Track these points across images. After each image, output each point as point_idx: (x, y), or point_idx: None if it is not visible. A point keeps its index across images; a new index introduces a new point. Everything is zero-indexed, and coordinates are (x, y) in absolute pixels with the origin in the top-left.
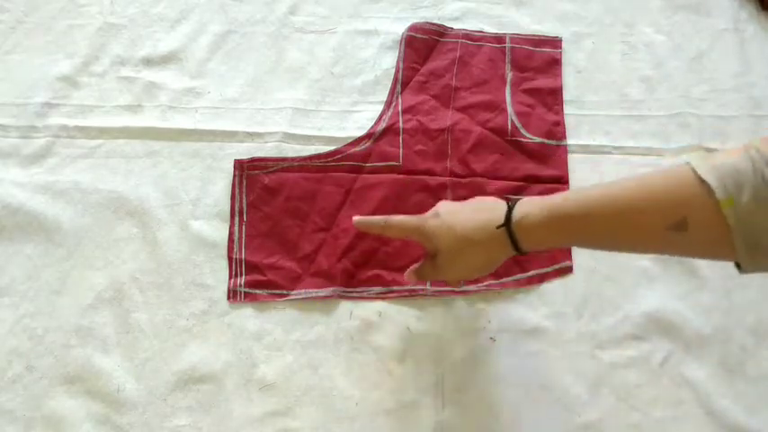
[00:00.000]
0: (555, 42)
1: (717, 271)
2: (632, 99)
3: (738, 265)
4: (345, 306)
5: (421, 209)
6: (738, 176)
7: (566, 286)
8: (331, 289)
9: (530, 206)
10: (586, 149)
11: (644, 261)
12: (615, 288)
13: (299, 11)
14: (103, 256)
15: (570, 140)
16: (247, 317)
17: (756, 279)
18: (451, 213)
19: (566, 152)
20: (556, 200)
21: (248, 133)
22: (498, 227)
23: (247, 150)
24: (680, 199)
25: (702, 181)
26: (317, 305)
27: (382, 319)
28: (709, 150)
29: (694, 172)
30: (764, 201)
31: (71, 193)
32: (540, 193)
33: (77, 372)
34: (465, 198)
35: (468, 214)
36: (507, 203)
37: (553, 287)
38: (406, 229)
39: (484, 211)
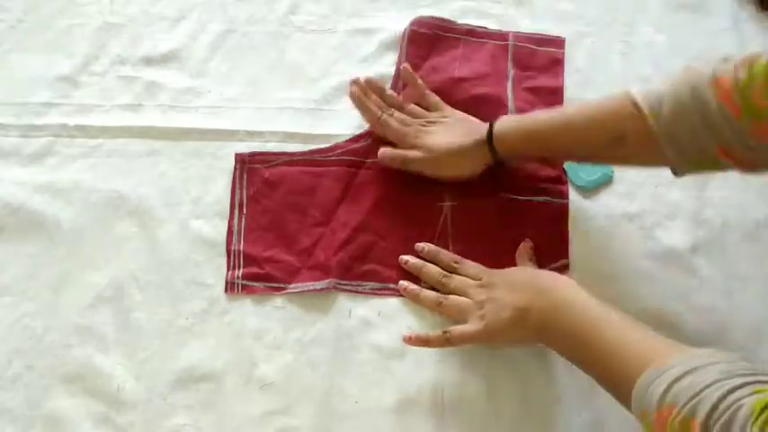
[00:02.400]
0: (558, 42)
1: (717, 271)
2: None
3: (674, 171)
4: (345, 305)
5: (420, 207)
6: (660, 94)
7: None
8: (327, 281)
9: (507, 122)
10: None
11: (644, 261)
12: (615, 288)
13: (299, 10)
14: (103, 255)
15: None
16: (247, 315)
17: (757, 279)
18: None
19: None
20: (527, 118)
21: (249, 132)
22: (484, 143)
23: (248, 149)
24: (618, 116)
25: (634, 102)
26: (317, 305)
27: (382, 318)
28: None
29: (628, 95)
30: (680, 112)
31: (71, 193)
32: (539, 192)
33: (77, 371)
34: (463, 194)
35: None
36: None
37: None
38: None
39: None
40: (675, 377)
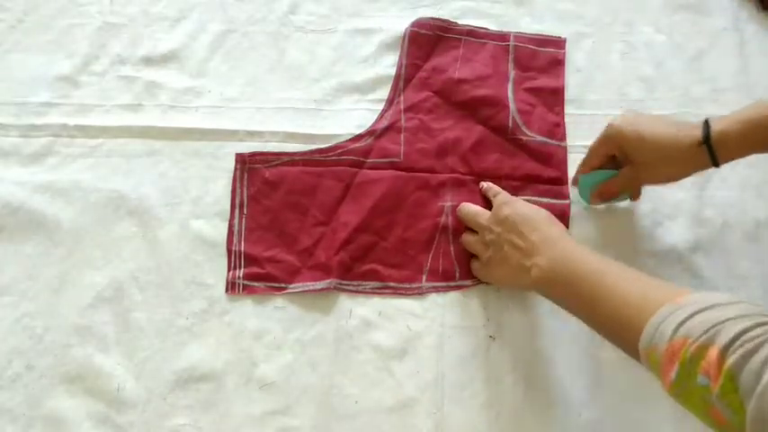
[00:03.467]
0: (558, 42)
1: (717, 271)
2: (632, 98)
3: None
4: (345, 305)
5: (421, 206)
6: None
7: None
8: (327, 281)
9: (724, 123)
10: (586, 149)
11: (644, 261)
12: None
13: (298, 10)
14: (103, 255)
15: (570, 140)
16: (247, 315)
17: (757, 279)
18: (643, 124)
19: (565, 153)
20: (747, 113)
21: (249, 132)
22: (700, 144)
23: (248, 149)
24: None
25: None
26: (317, 304)
27: (382, 317)
28: None
29: None
30: None
31: (71, 193)
32: (540, 193)
33: (77, 371)
34: (465, 195)
35: (662, 128)
36: (704, 122)
37: None
38: (602, 143)
39: (677, 125)
40: (693, 312)
